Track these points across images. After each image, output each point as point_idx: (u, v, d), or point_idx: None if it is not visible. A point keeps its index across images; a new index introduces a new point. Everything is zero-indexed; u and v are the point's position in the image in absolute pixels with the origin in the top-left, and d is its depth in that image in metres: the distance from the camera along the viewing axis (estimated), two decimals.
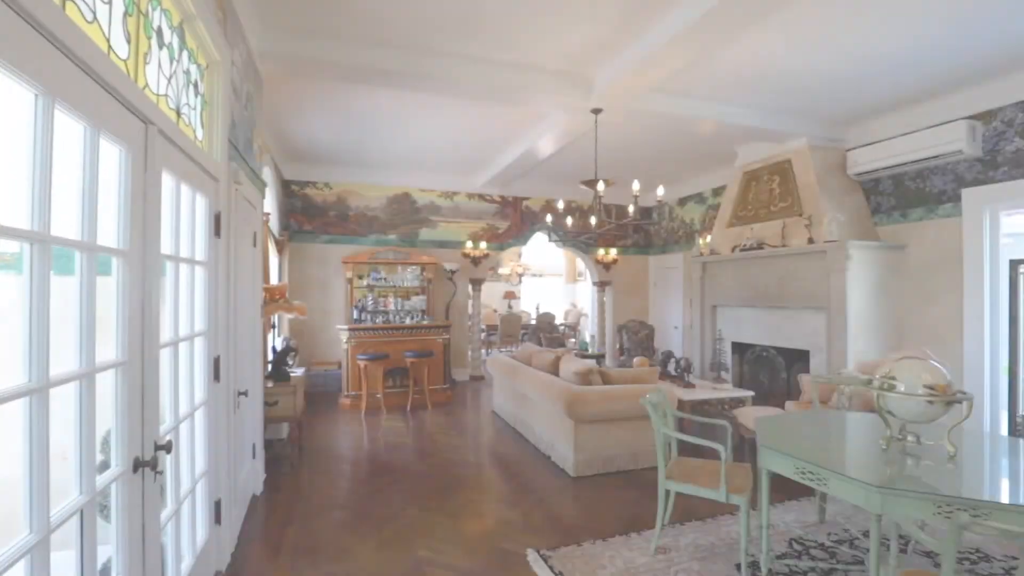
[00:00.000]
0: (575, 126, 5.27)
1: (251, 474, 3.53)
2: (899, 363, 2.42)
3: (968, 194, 4.77)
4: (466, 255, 8.28)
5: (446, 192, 8.34)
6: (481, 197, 8.52)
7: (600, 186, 4.29)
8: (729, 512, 3.35)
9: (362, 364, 6.28)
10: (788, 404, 4.64)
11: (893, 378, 2.38)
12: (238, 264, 3.02)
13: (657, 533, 2.81)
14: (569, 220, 5.44)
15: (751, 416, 4.49)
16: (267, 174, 5.72)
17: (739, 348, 6.62)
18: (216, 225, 2.56)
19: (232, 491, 2.83)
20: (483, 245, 8.28)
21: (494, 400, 6.36)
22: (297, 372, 4.99)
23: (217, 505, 2.55)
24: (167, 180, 1.92)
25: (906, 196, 5.34)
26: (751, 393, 5.14)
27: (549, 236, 6.89)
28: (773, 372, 6.17)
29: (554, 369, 4.95)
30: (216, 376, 2.56)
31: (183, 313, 2.19)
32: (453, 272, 7.98)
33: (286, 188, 7.56)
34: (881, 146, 5.30)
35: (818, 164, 5.63)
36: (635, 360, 6.12)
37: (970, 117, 4.68)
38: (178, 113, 2.18)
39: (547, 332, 7.79)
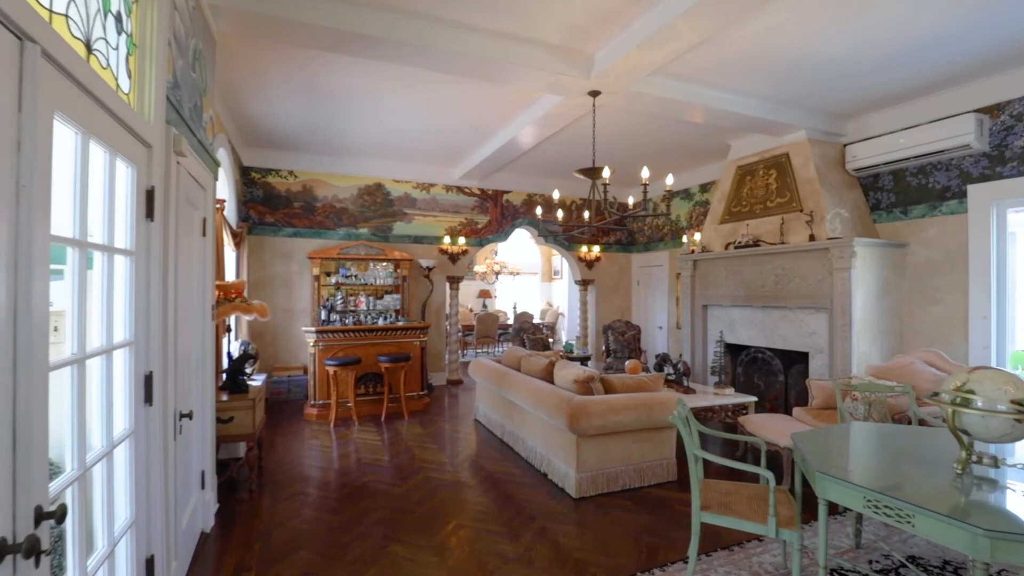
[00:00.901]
0: (568, 110, 4.84)
1: (199, 508, 2.95)
2: (975, 374, 2.09)
3: (974, 190, 4.60)
4: (443, 251, 7.76)
5: (422, 184, 7.79)
6: (459, 190, 8.01)
7: (605, 172, 3.86)
8: (756, 537, 2.99)
9: (331, 370, 5.68)
10: (796, 411, 4.34)
11: (970, 392, 2.05)
12: (181, 255, 2.45)
13: (690, 573, 2.41)
14: (560, 213, 5.02)
15: (759, 424, 4.17)
16: (223, 156, 5.06)
17: (732, 350, 6.35)
18: (148, 204, 2.00)
19: (172, 539, 2.26)
20: (461, 241, 7.78)
21: (477, 408, 5.87)
22: (257, 381, 4.38)
23: (149, 563, 1.99)
24: (65, 132, 1.38)
25: (907, 192, 5.16)
26: (754, 399, 4.83)
27: (538, 231, 6.44)
28: (769, 375, 5.92)
29: (547, 375, 4.52)
30: (148, 398, 2.00)
31: (95, 318, 1.63)
32: (430, 269, 7.45)
33: (245, 175, 6.84)
34: (883, 140, 5.10)
35: (817, 158, 5.40)
36: (627, 364, 5.75)
37: (974, 111, 4.52)
38: (89, 48, 1.62)
39: (530, 333, 7.36)
